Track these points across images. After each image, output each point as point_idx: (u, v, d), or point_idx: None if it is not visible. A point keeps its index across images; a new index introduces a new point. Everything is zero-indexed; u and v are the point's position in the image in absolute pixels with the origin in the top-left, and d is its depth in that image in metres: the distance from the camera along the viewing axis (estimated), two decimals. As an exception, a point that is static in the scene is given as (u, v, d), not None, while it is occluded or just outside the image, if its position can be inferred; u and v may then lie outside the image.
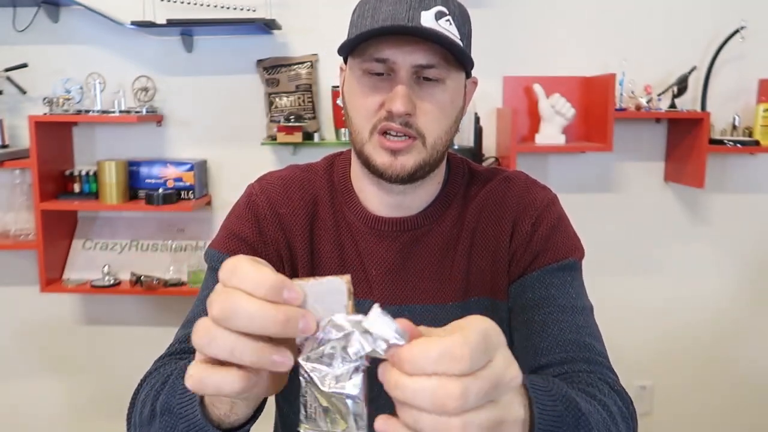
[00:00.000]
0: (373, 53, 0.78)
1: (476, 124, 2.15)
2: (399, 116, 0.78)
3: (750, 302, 2.38)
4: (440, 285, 0.90)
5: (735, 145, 2.12)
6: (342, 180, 0.93)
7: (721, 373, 2.41)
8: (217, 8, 2.17)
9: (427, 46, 0.77)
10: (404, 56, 0.78)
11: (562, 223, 0.92)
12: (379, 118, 0.80)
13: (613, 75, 2.04)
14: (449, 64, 0.79)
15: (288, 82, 2.21)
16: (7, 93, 2.22)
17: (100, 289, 2.14)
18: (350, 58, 0.83)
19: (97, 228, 2.29)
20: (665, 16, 2.23)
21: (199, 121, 2.27)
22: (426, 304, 0.89)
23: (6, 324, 2.37)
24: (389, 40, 0.77)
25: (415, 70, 0.78)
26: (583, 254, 0.92)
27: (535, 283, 0.87)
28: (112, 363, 2.37)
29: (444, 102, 0.81)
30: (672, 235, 2.34)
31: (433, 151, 0.82)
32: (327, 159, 0.98)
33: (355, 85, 0.82)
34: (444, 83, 0.80)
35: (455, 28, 0.79)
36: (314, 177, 0.95)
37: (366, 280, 0.89)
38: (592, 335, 0.84)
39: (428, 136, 0.81)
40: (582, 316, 0.86)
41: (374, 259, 0.89)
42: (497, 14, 2.23)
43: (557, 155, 2.30)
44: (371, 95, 0.80)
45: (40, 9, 2.18)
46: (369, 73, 0.80)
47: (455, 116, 0.85)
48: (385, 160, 0.81)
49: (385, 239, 0.89)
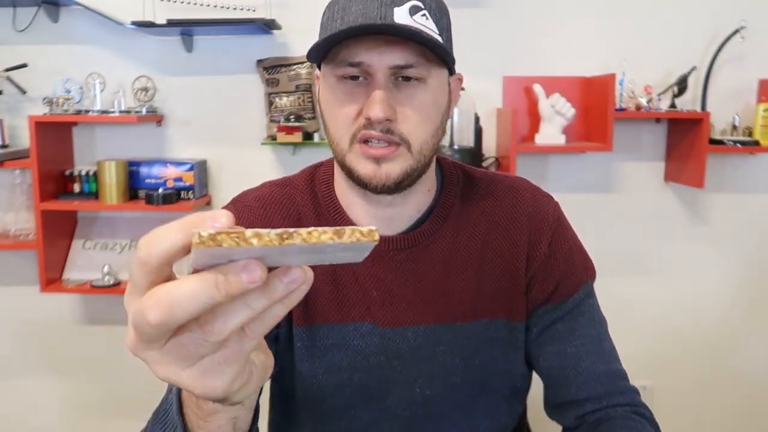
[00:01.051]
0: (346, 57, 0.73)
1: (476, 124, 2.15)
2: (379, 123, 0.73)
3: (750, 302, 2.38)
4: (444, 304, 0.85)
5: (735, 145, 2.12)
6: (326, 194, 0.88)
7: (721, 373, 2.41)
8: (217, 8, 2.17)
9: (404, 44, 0.72)
10: (379, 57, 0.72)
11: (576, 243, 0.93)
12: (358, 127, 0.75)
13: (613, 75, 2.04)
14: (429, 62, 0.74)
15: (288, 82, 2.21)
16: (7, 93, 2.22)
17: (100, 289, 2.14)
18: (323, 64, 0.78)
19: (97, 228, 2.29)
20: (665, 16, 2.23)
21: (199, 121, 2.27)
22: (430, 325, 0.85)
23: (6, 324, 2.37)
24: (362, 41, 0.72)
25: (393, 71, 0.73)
26: (595, 271, 0.94)
27: (563, 315, 0.88)
28: (112, 363, 2.37)
29: (426, 103, 0.76)
30: (672, 235, 2.34)
31: (420, 157, 0.77)
32: (306, 172, 0.92)
33: (329, 93, 0.77)
34: (425, 82, 0.75)
35: (432, 22, 0.74)
36: (294, 193, 0.89)
37: (364, 302, 0.85)
38: (616, 357, 0.89)
39: (413, 142, 0.76)
40: (607, 339, 0.89)
41: (374, 282, 0.85)
42: (497, 14, 2.23)
43: (557, 155, 2.30)
44: (348, 103, 0.75)
45: (40, 9, 2.18)
46: (343, 79, 0.75)
47: (440, 117, 0.80)
48: (368, 169, 0.75)
49: (383, 259, 0.84)
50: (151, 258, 0.36)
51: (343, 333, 0.85)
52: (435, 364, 0.86)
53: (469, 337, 0.86)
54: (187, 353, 0.38)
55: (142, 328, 0.37)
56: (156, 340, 0.38)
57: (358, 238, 0.35)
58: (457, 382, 0.87)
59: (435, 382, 0.86)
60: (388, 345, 0.85)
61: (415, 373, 0.86)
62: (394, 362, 0.85)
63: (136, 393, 2.25)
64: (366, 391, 0.86)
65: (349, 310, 0.85)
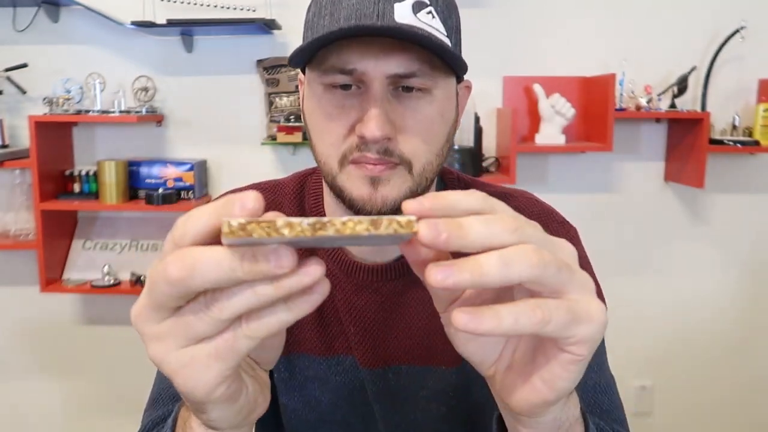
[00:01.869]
0: (336, 62, 0.61)
1: (476, 124, 2.15)
2: (375, 143, 0.61)
3: (750, 302, 2.38)
4: (430, 345, 0.75)
5: (735, 145, 2.12)
6: (314, 207, 0.78)
7: (721, 373, 2.41)
8: (217, 8, 2.17)
9: (405, 48, 0.60)
10: (376, 64, 0.60)
11: (593, 279, 0.84)
12: (349, 146, 0.63)
13: (613, 75, 2.04)
14: (435, 70, 0.62)
15: (288, 82, 2.21)
16: (7, 93, 2.22)
17: (100, 289, 2.14)
18: (308, 69, 0.66)
19: (97, 228, 2.29)
20: (665, 16, 2.23)
21: (199, 121, 2.27)
22: (414, 366, 0.75)
23: (6, 324, 2.37)
24: (354, 43, 0.60)
25: (392, 80, 0.61)
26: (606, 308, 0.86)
27: None
28: (112, 363, 2.37)
29: (431, 117, 0.64)
30: (672, 235, 2.34)
31: (421, 179, 0.65)
32: (297, 178, 0.82)
33: (315, 104, 0.65)
34: (430, 93, 0.63)
35: (439, 21, 0.62)
36: (282, 200, 0.80)
37: (343, 335, 0.76)
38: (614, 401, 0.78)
39: (415, 162, 0.64)
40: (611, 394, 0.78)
41: (352, 315, 0.75)
42: (497, 14, 2.23)
43: (557, 155, 2.30)
44: (337, 117, 0.63)
45: (40, 9, 2.18)
46: (332, 88, 0.63)
47: (447, 133, 0.67)
48: (363, 192, 0.64)
49: (365, 291, 0.75)
50: (185, 239, 0.36)
51: (324, 366, 0.77)
52: (418, 409, 0.77)
53: (456, 385, 0.76)
54: (185, 331, 0.38)
55: (157, 287, 0.36)
56: (163, 306, 0.37)
57: (395, 229, 0.34)
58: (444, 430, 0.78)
59: (421, 430, 0.78)
60: (367, 386, 0.76)
61: (397, 419, 0.77)
62: (375, 405, 0.77)
63: (135, 393, 2.24)
64: (351, 428, 0.79)
65: (332, 342, 0.76)
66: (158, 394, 0.75)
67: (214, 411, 0.42)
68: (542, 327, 0.37)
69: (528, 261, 0.35)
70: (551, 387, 0.42)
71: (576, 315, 0.38)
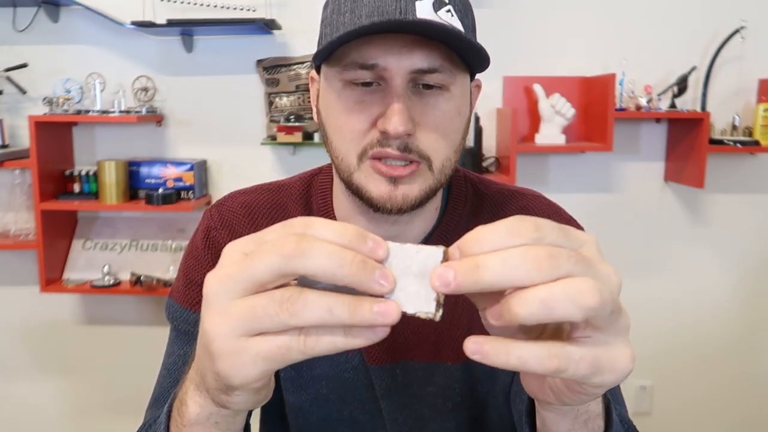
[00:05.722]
0: (357, 58, 0.62)
1: (476, 124, 2.15)
2: (397, 138, 0.62)
3: (750, 302, 2.38)
4: (437, 341, 0.76)
5: (735, 145, 2.12)
6: (322, 206, 0.78)
7: (721, 373, 2.41)
8: (217, 8, 2.17)
9: (426, 44, 0.61)
10: (398, 60, 0.61)
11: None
12: (370, 142, 0.64)
13: (613, 75, 2.04)
14: (454, 67, 0.64)
15: (288, 82, 2.21)
16: (7, 93, 2.22)
17: (100, 289, 2.14)
18: (325, 66, 0.67)
19: (97, 228, 2.29)
20: (665, 16, 2.23)
21: (199, 121, 2.27)
22: (421, 362, 0.76)
23: (6, 324, 2.37)
24: (376, 40, 0.61)
25: (413, 76, 0.62)
26: None
27: None
28: (112, 363, 2.37)
29: (450, 114, 0.65)
30: (672, 235, 2.34)
31: (440, 176, 0.67)
32: (303, 178, 0.82)
33: (334, 99, 0.65)
34: (449, 90, 0.65)
35: (457, 19, 0.63)
36: (287, 201, 0.80)
37: None
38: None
39: (435, 159, 0.65)
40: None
41: None
42: (497, 14, 2.23)
43: (557, 155, 2.30)
44: (358, 112, 0.64)
45: (40, 9, 2.18)
46: (352, 84, 0.64)
47: (463, 129, 0.69)
48: (382, 190, 0.64)
49: None
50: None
51: (331, 364, 0.77)
52: (425, 405, 0.77)
53: (462, 380, 0.77)
54: (251, 318, 0.37)
55: (263, 258, 0.37)
56: (251, 279, 0.37)
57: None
58: (450, 428, 0.79)
59: (428, 427, 0.78)
60: (375, 382, 0.77)
61: (404, 414, 0.78)
62: (383, 402, 0.77)
63: (135, 393, 2.25)
64: (357, 426, 0.80)
65: None
66: (160, 394, 0.76)
67: (240, 396, 0.43)
68: (556, 374, 0.36)
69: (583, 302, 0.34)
70: (559, 399, 0.43)
71: (598, 367, 0.37)
